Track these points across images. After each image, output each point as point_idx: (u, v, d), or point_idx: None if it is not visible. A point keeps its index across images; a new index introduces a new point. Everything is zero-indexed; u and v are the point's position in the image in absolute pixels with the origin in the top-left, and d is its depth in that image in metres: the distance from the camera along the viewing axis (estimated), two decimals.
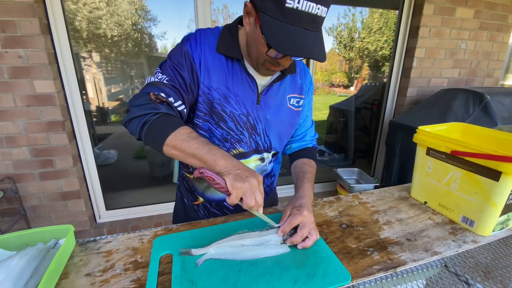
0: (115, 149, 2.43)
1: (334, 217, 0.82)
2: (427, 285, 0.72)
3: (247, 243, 0.65)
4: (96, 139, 2.23)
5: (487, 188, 0.71)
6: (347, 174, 2.60)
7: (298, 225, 0.65)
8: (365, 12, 2.86)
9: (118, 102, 2.37)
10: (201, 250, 0.63)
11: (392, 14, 2.72)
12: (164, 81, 0.69)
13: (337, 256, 0.63)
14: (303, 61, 0.84)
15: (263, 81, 0.78)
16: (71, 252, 0.65)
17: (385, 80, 2.74)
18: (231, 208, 0.89)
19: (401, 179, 2.18)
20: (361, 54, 3.16)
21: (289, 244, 0.65)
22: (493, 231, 0.74)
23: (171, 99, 0.67)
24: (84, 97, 1.96)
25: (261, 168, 0.86)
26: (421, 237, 0.73)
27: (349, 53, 3.22)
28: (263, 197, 0.59)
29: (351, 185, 2.32)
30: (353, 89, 3.50)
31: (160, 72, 0.71)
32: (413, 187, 0.96)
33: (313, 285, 0.55)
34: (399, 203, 0.92)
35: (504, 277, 0.71)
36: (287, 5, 0.54)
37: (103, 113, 2.32)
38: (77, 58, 1.90)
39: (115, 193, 2.35)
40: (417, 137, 0.90)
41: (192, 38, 0.73)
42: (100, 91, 2.23)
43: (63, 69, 1.78)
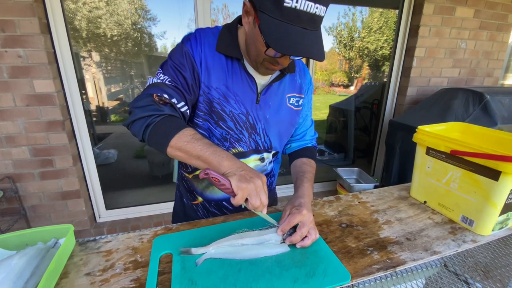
0: (115, 148, 2.42)
1: (333, 216, 0.83)
2: (427, 284, 0.72)
3: (247, 242, 0.65)
4: (96, 139, 2.23)
5: (486, 187, 0.71)
6: (347, 173, 2.60)
7: (297, 224, 0.65)
8: (365, 11, 2.86)
9: (118, 101, 2.37)
10: (201, 249, 0.63)
11: (392, 13, 2.72)
12: (166, 82, 0.68)
13: (336, 255, 0.63)
14: (303, 60, 0.84)
15: (262, 80, 0.78)
16: (71, 251, 0.65)
17: (385, 79, 2.74)
18: (230, 207, 0.89)
19: (401, 179, 2.18)
20: (361, 53, 3.16)
21: (288, 243, 0.65)
22: (493, 230, 0.74)
23: (174, 100, 0.67)
24: (84, 96, 1.95)
25: (261, 168, 0.86)
26: (420, 237, 0.73)
27: (349, 53, 3.22)
28: (267, 197, 0.59)
29: (351, 185, 2.32)
30: (353, 89, 3.49)
31: (161, 72, 0.71)
32: (412, 187, 0.96)
33: (313, 284, 0.55)
34: (398, 203, 0.92)
35: (503, 276, 0.71)
36: (285, 4, 0.54)
37: (103, 112, 2.32)
38: (76, 57, 1.90)
39: (115, 192, 2.35)
40: (416, 137, 0.90)
41: (192, 38, 0.73)
42: (100, 91, 2.22)
43: (63, 69, 1.78)
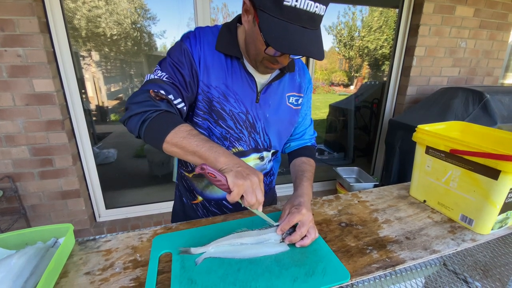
0: (115, 148, 2.42)
1: (333, 215, 0.83)
2: (426, 283, 0.72)
3: (246, 241, 0.65)
4: (95, 138, 2.22)
5: (486, 186, 0.71)
6: (347, 173, 2.60)
7: (297, 223, 0.65)
8: (365, 10, 2.86)
9: (117, 101, 2.37)
10: (201, 248, 0.63)
11: (392, 12, 2.72)
12: (163, 79, 0.68)
13: (336, 254, 0.63)
14: (302, 59, 0.84)
15: (262, 79, 0.78)
16: (70, 251, 0.65)
17: (385, 78, 2.74)
18: (230, 207, 0.89)
19: (400, 178, 2.18)
20: (361, 52, 3.15)
21: (288, 242, 0.65)
22: (492, 229, 0.74)
23: (171, 97, 0.67)
24: (83, 96, 1.95)
25: (260, 167, 0.86)
26: (420, 236, 0.73)
27: (349, 52, 3.21)
28: (264, 195, 0.59)
29: (351, 184, 2.33)
30: (353, 88, 3.49)
31: (159, 69, 0.70)
32: (412, 186, 0.96)
33: (312, 284, 0.55)
34: (398, 202, 0.92)
35: (502, 275, 0.71)
36: (285, 3, 0.54)
37: (102, 112, 2.32)
38: (76, 57, 1.90)
39: (115, 192, 2.35)
40: (416, 136, 0.90)
41: (191, 36, 0.72)
42: (99, 90, 2.22)
43: (62, 68, 1.77)
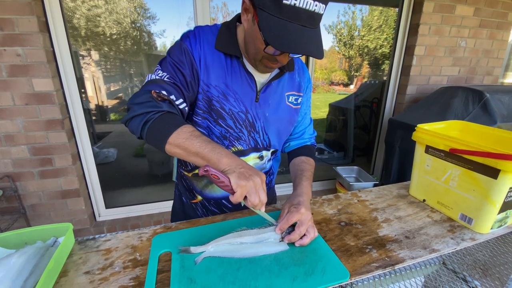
0: (115, 147, 2.42)
1: (333, 215, 0.83)
2: (425, 282, 0.72)
3: (246, 241, 0.65)
4: (95, 138, 2.22)
5: (485, 186, 0.71)
6: (347, 172, 2.60)
7: (296, 222, 0.65)
8: (365, 9, 2.85)
9: (117, 100, 2.37)
10: (200, 248, 0.63)
11: (392, 11, 2.71)
12: (165, 79, 0.68)
13: (335, 253, 0.64)
14: (302, 58, 0.84)
15: (261, 78, 0.78)
16: (70, 250, 0.65)
17: (385, 78, 2.73)
18: (229, 206, 0.89)
19: (400, 177, 2.18)
20: (360, 52, 3.15)
21: (287, 241, 0.65)
22: (491, 228, 0.74)
23: (172, 97, 0.67)
24: (83, 95, 1.95)
25: (260, 166, 0.86)
26: (419, 235, 0.73)
27: (348, 51, 3.21)
28: (266, 195, 0.59)
29: (350, 183, 2.33)
30: (352, 87, 3.49)
31: (160, 69, 0.70)
32: (412, 185, 0.96)
33: (312, 283, 0.55)
34: (397, 201, 0.92)
35: (502, 274, 0.71)
36: (284, 1, 0.54)
37: (102, 111, 2.32)
38: (75, 56, 1.89)
39: (115, 191, 2.35)
40: (416, 135, 0.90)
41: (191, 35, 0.72)
42: (99, 90, 2.22)
43: (62, 67, 1.77)
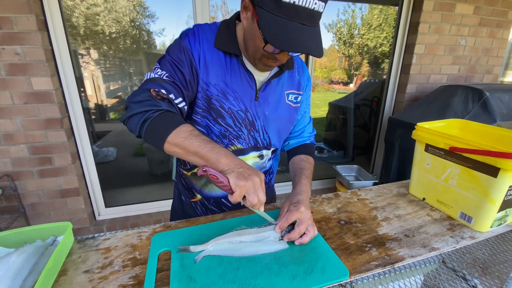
0: (114, 146, 2.42)
1: (332, 213, 0.83)
2: (425, 281, 0.73)
3: (246, 239, 0.65)
4: (94, 137, 2.22)
5: (485, 184, 0.71)
6: (346, 171, 2.60)
7: (295, 221, 0.65)
8: (365, 8, 2.85)
9: (116, 99, 2.36)
10: (200, 247, 0.63)
11: (391, 10, 2.71)
12: (164, 77, 0.68)
13: (335, 252, 0.64)
14: (302, 57, 0.84)
15: (261, 77, 0.78)
16: (69, 249, 0.65)
17: (385, 76, 2.73)
18: (229, 205, 0.89)
19: (400, 176, 2.18)
20: (360, 50, 3.15)
21: (287, 240, 0.65)
22: (491, 227, 0.74)
23: (171, 96, 0.66)
24: (82, 94, 1.94)
25: (260, 165, 0.86)
26: (419, 233, 0.73)
27: (348, 50, 3.21)
28: (265, 195, 0.59)
29: (350, 182, 2.33)
30: (352, 86, 3.49)
31: (159, 68, 0.70)
32: (411, 184, 0.96)
33: (311, 281, 0.55)
34: (397, 200, 0.92)
35: (501, 273, 0.72)
36: (284, 0, 0.54)
37: (101, 110, 2.31)
38: (74, 55, 1.89)
39: (114, 190, 2.35)
40: (415, 134, 0.90)
41: (190, 33, 0.72)
42: (98, 88, 2.21)
43: (61, 66, 1.77)
